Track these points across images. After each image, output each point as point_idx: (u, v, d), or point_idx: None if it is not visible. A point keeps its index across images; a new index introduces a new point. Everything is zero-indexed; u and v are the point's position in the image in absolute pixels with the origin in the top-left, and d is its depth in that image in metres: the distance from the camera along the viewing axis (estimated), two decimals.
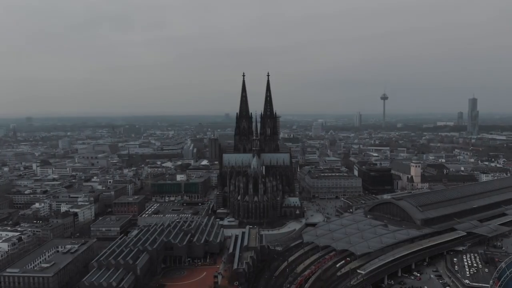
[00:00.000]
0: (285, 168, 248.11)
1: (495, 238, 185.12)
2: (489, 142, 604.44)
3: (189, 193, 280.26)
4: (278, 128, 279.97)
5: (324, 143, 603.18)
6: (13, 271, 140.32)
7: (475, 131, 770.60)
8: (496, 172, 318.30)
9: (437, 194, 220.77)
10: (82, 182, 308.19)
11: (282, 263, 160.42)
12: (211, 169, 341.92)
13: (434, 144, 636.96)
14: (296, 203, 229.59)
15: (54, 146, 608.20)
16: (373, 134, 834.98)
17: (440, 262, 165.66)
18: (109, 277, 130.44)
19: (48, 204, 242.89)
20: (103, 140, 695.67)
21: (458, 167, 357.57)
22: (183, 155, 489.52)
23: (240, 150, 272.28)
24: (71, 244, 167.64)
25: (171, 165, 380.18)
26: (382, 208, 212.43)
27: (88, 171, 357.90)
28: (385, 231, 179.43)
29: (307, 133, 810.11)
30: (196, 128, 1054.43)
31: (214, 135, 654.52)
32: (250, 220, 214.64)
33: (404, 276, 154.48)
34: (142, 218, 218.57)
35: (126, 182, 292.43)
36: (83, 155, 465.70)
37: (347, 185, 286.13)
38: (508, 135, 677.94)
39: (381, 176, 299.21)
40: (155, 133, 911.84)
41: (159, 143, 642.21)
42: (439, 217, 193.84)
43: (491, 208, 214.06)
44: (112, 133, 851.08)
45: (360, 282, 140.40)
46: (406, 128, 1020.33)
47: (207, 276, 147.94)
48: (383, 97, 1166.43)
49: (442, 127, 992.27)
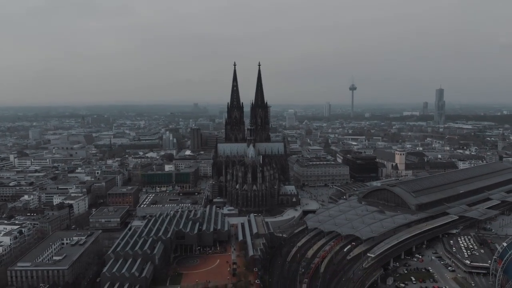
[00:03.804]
0: (280, 157, 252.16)
1: (484, 221, 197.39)
2: (456, 131, 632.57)
3: (180, 183, 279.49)
4: (269, 118, 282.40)
5: (301, 132, 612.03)
6: (25, 265, 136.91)
7: (442, 120, 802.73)
8: (472, 159, 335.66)
9: (427, 180, 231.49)
10: (66, 173, 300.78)
11: (291, 248, 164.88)
12: (198, 159, 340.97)
13: (405, 133, 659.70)
14: (293, 191, 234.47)
15: (24, 137, 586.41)
16: (344, 123, 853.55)
17: (438, 245, 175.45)
18: (130, 267, 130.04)
19: (38, 196, 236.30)
20: (74, 130, 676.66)
21: (435, 155, 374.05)
22: (162, 145, 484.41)
23: (231, 139, 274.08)
24: (77, 236, 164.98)
25: (156, 155, 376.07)
26: (376, 194, 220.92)
27: (69, 162, 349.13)
28: (384, 216, 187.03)
29: (281, 123, 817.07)
30: (168, 118, 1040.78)
31: (195, 125, 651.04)
32: (249, 209, 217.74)
33: (407, 259, 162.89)
34: (141, 209, 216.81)
35: (115, 173, 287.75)
36: (58, 145, 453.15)
37: (335, 173, 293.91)
38: (473, 124, 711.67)
39: (367, 164, 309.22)
40: (126, 123, 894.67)
41: (133, 133, 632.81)
42: (431, 202, 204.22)
43: (476, 193, 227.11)
44: (82, 123, 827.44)
45: (371, 265, 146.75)
46: (374, 117, 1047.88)
47: (221, 263, 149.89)
48: (352, 87, 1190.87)
49: (408, 116, 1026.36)
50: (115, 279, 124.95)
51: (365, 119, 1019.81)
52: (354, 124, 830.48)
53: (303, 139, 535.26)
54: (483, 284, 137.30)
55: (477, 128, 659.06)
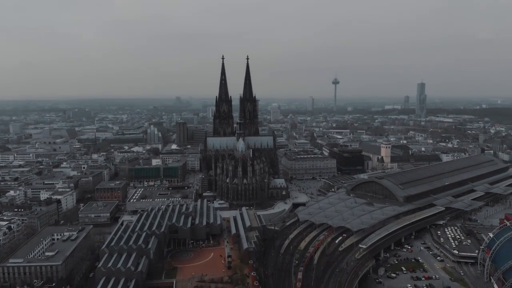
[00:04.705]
0: (269, 150, 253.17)
1: (469, 212, 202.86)
2: (438, 125, 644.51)
3: (168, 177, 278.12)
4: (257, 112, 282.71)
5: (286, 126, 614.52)
6: (17, 261, 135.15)
7: (423, 114, 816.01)
8: (454, 152, 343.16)
9: (413, 173, 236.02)
10: (51, 168, 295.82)
11: (284, 241, 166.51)
12: (186, 153, 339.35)
13: (388, 126, 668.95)
14: (282, 184, 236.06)
15: (5, 131, 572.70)
16: (328, 117, 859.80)
17: (426, 235, 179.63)
18: (125, 262, 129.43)
19: (24, 191, 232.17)
20: (56, 124, 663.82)
21: (419, 148, 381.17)
22: (147, 139, 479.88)
23: (220, 133, 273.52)
24: (68, 232, 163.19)
25: (142, 149, 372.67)
26: (364, 187, 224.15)
27: (53, 156, 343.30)
28: (373, 208, 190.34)
29: (266, 117, 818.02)
30: (151, 112, 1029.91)
31: (180, 118, 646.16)
32: (240, 202, 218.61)
33: (397, 249, 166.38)
34: (131, 204, 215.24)
35: (101, 167, 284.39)
36: (40, 140, 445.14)
37: (323, 166, 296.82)
38: (454, 118, 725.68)
39: (353, 157, 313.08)
40: (108, 117, 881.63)
41: (116, 127, 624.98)
42: (418, 194, 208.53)
43: (461, 185, 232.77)
44: (63, 117, 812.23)
45: (363, 256, 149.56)
46: (356, 111, 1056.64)
47: (215, 257, 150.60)
48: (335, 81, 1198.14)
49: (390, 110, 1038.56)
50: (110, 273, 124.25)
51: (347, 112, 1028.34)
52: (337, 118, 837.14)
53: (288, 133, 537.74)
54: (471, 273, 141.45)
55: (457, 122, 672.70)
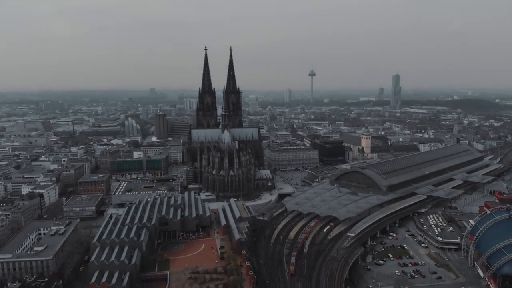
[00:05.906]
0: (254, 142, 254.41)
1: (449, 200, 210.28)
2: (413, 116, 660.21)
3: (151, 170, 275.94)
4: (241, 104, 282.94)
5: (265, 118, 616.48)
6: (6, 256, 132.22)
7: (398, 105, 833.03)
8: (431, 142, 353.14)
9: (394, 163, 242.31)
10: (29, 162, 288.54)
11: (273, 231, 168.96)
12: (167, 145, 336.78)
13: (364, 118, 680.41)
14: (268, 175, 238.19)
15: None
16: (305, 109, 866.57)
17: (409, 223, 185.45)
18: (118, 255, 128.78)
19: (3, 186, 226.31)
20: (29, 117, 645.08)
21: (397, 138, 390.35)
22: (125, 132, 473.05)
23: (204, 125, 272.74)
24: (55, 226, 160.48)
25: (121, 142, 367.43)
26: (347, 177, 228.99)
27: (30, 150, 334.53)
28: (357, 198, 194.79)
29: (245, 109, 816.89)
30: (126, 104, 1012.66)
31: (160, 111, 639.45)
32: (227, 194, 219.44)
33: (382, 237, 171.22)
34: (116, 197, 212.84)
35: (82, 160, 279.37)
36: (15, 133, 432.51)
37: (305, 157, 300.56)
38: (428, 109, 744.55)
39: (335, 148, 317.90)
40: (82, 109, 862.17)
41: (92, 119, 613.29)
42: (400, 183, 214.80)
43: (440, 174, 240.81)
44: (36, 110, 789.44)
45: (352, 244, 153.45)
46: (332, 103, 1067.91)
47: (206, 248, 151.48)
48: (311, 73, 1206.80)
49: (365, 102, 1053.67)
50: (104, 267, 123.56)
51: (324, 104, 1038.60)
52: (315, 110, 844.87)
53: (269, 125, 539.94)
54: (455, 259, 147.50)
55: (431, 113, 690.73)
